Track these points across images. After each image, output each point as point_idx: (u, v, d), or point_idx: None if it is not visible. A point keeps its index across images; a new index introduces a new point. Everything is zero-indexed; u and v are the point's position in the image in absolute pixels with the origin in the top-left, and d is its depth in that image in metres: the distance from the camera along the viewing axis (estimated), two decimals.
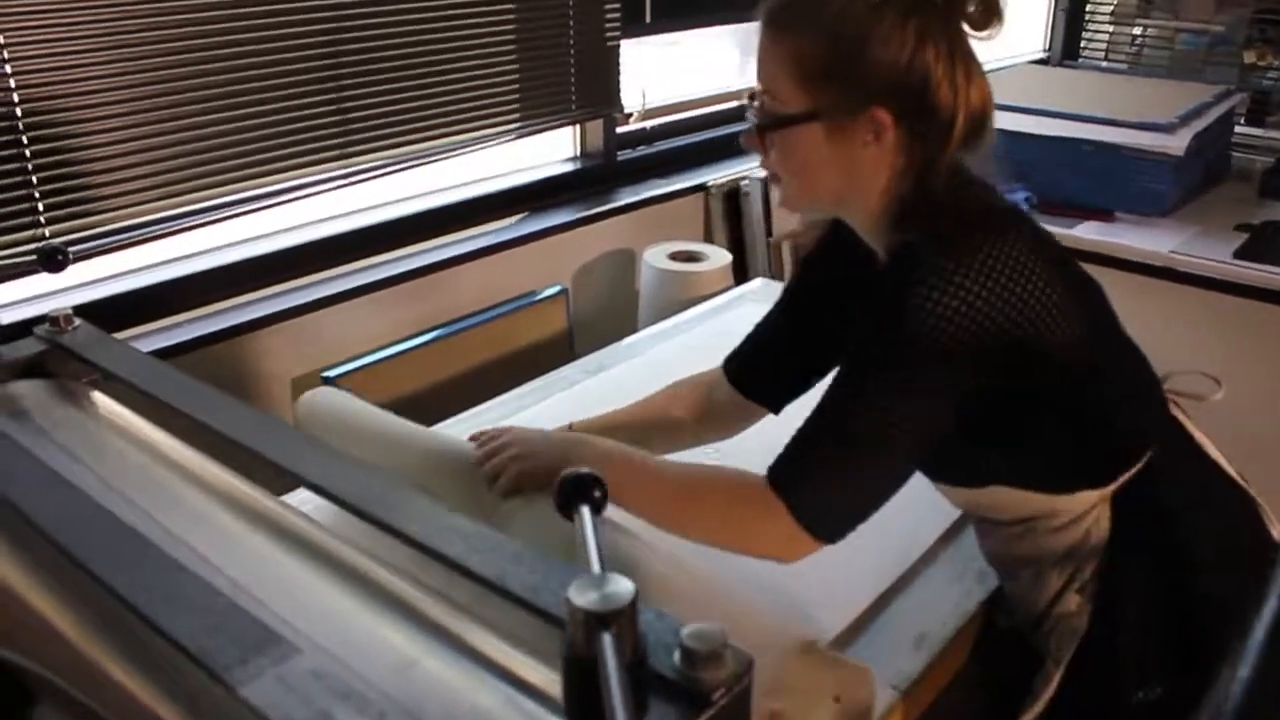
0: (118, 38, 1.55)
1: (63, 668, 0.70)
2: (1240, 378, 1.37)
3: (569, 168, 2.48)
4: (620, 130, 2.54)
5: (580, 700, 0.52)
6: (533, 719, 0.57)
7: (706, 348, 1.85)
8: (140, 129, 1.61)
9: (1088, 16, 3.63)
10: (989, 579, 1.24)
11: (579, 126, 2.47)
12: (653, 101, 2.64)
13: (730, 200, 2.64)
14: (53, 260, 1.09)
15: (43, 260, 1.09)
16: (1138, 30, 3.42)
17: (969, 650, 1.23)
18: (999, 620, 1.24)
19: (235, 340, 1.76)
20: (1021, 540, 1.15)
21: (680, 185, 2.57)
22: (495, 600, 0.67)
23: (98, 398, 0.99)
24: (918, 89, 1.01)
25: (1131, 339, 1.15)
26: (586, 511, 0.61)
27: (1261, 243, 2.35)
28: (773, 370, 1.32)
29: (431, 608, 0.69)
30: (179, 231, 1.72)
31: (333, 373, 1.85)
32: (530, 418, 1.58)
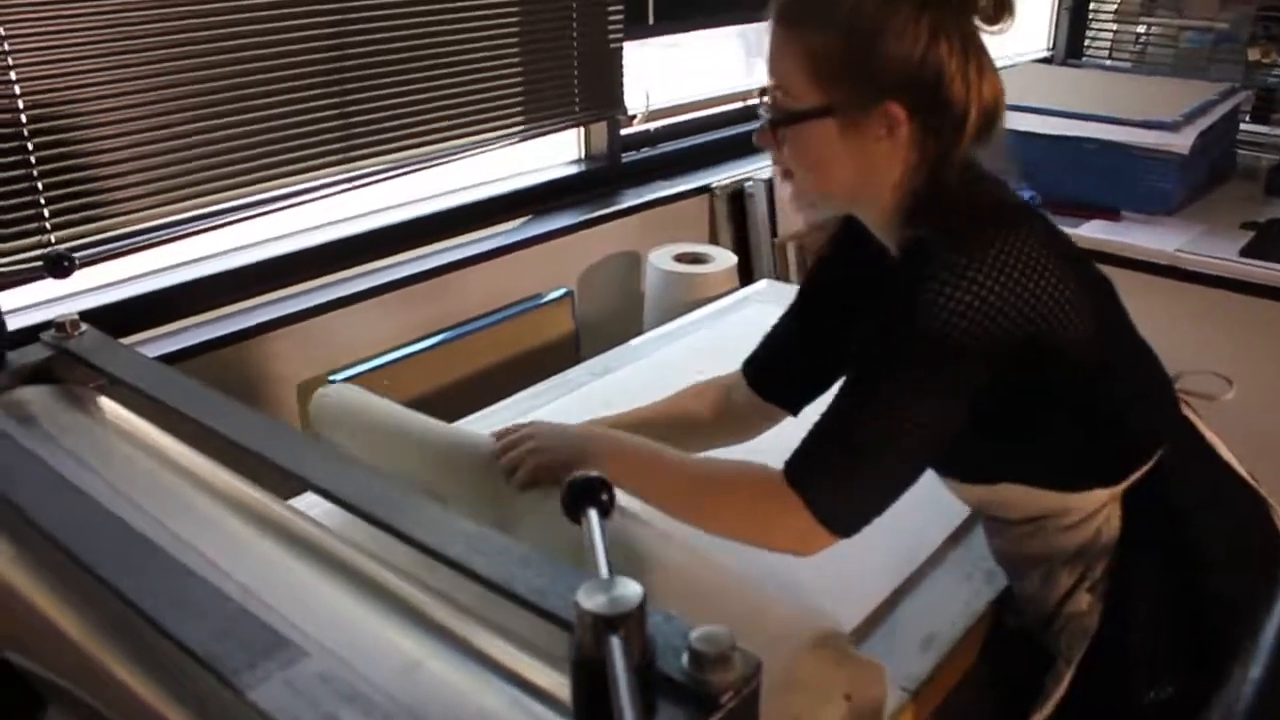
0: (122, 43, 1.56)
1: (72, 672, 0.70)
2: (1248, 376, 1.37)
3: (573, 170, 2.48)
4: (624, 132, 2.54)
5: (588, 703, 0.52)
6: None
7: (712, 349, 1.86)
8: (146, 134, 1.62)
9: (1091, 15, 3.62)
10: (998, 579, 1.24)
11: (583, 129, 2.47)
12: (656, 103, 2.64)
13: (735, 201, 2.64)
14: (59, 266, 1.09)
15: (49, 266, 1.10)
16: (1142, 28, 3.41)
17: (978, 650, 1.23)
18: (1008, 620, 1.24)
19: (241, 345, 1.76)
20: (1032, 539, 1.14)
21: (685, 187, 2.57)
22: (501, 603, 0.67)
23: (104, 403, 0.99)
24: (931, 83, 1.01)
25: (1143, 338, 1.15)
26: (594, 515, 0.61)
27: (1268, 241, 2.34)
28: (790, 371, 1.32)
29: (438, 611, 0.69)
30: (185, 236, 1.73)
31: (339, 376, 1.85)
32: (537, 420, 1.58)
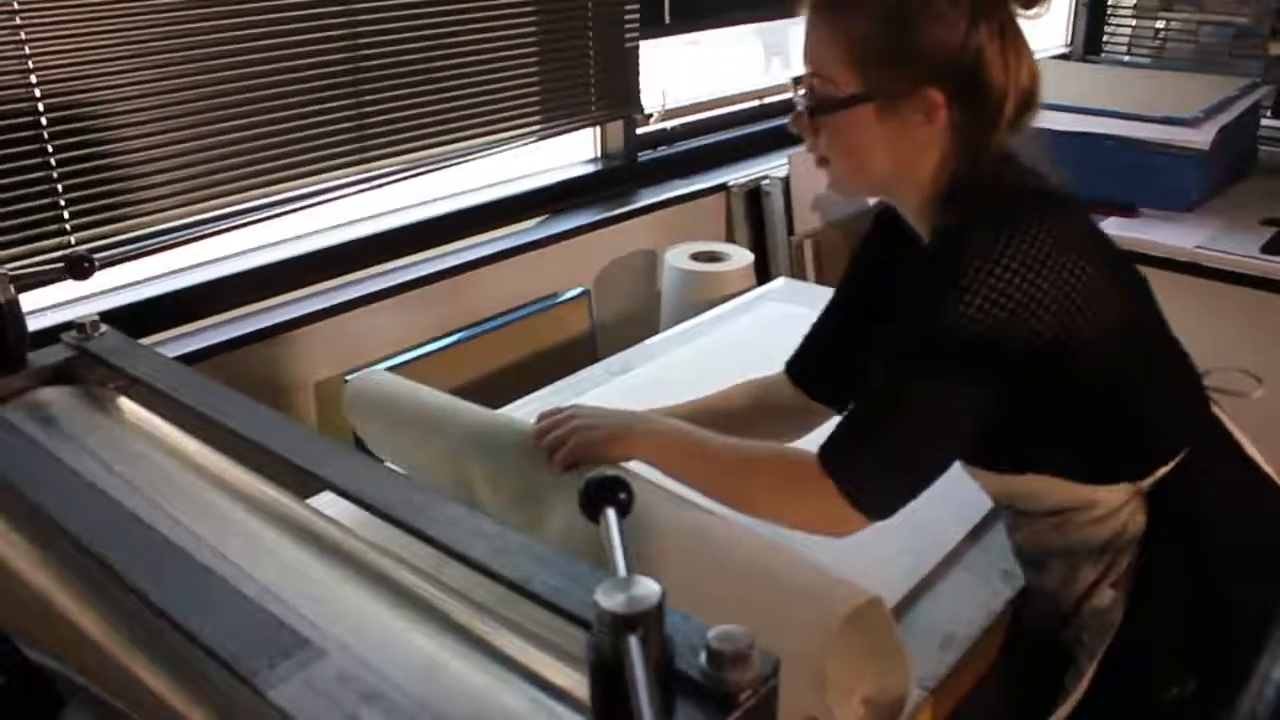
0: (140, 44, 1.57)
1: (92, 671, 0.71)
2: (1270, 373, 1.36)
3: (590, 169, 2.48)
4: (640, 131, 2.54)
5: (607, 702, 0.52)
6: None
7: (730, 348, 1.86)
8: (164, 135, 1.63)
9: (1110, 10, 3.60)
10: (1016, 579, 1.24)
11: (599, 128, 2.47)
12: (674, 101, 2.63)
13: (752, 199, 2.64)
14: (79, 267, 1.10)
15: (69, 268, 1.10)
16: (1161, 23, 3.39)
17: (997, 649, 1.23)
18: (1026, 618, 1.23)
19: (259, 345, 1.77)
20: (1056, 532, 1.14)
21: (701, 185, 2.57)
22: (519, 600, 0.67)
23: (124, 403, 1.00)
24: (970, 69, 1.01)
25: (1174, 335, 1.14)
26: (612, 514, 0.61)
27: None
28: (832, 368, 1.31)
29: (457, 610, 0.69)
30: (203, 237, 1.73)
31: (355, 376, 1.85)
32: None
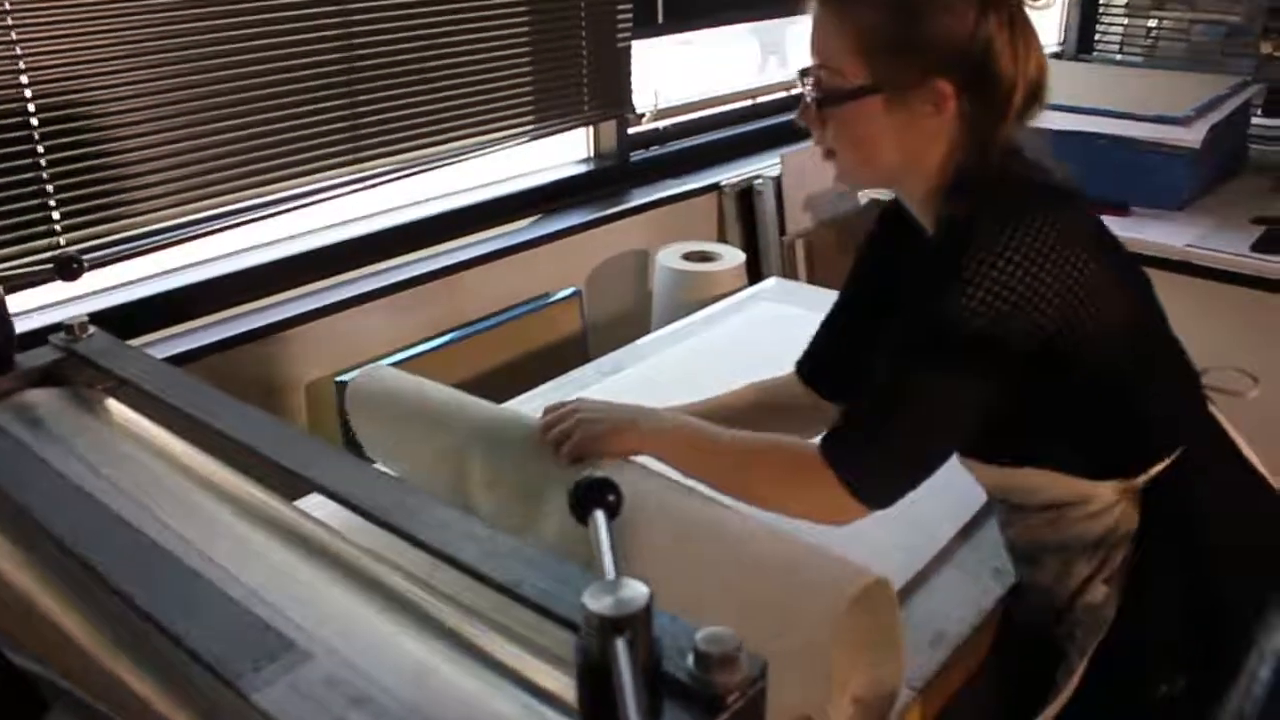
0: (132, 45, 1.56)
1: (76, 674, 0.70)
2: (1260, 371, 1.36)
3: (582, 169, 2.48)
4: (633, 131, 2.53)
5: (595, 705, 0.52)
6: None
7: (721, 348, 1.86)
8: (155, 135, 1.62)
9: (1102, 9, 3.60)
10: (1006, 576, 1.24)
11: (592, 128, 2.47)
12: (668, 101, 2.63)
13: (744, 199, 2.64)
14: (68, 268, 1.10)
15: (58, 269, 1.10)
16: (1153, 22, 3.39)
17: (987, 647, 1.23)
18: (1018, 614, 1.24)
19: (249, 346, 1.76)
20: (1051, 527, 1.14)
21: (693, 185, 2.56)
22: (511, 605, 0.67)
23: (112, 405, 1.00)
24: (979, 60, 1.01)
25: (1174, 334, 1.14)
26: (601, 516, 0.61)
27: (1279, 235, 2.33)
28: (842, 366, 1.31)
29: (445, 613, 0.69)
30: (195, 238, 1.73)
31: (347, 377, 1.85)
32: None
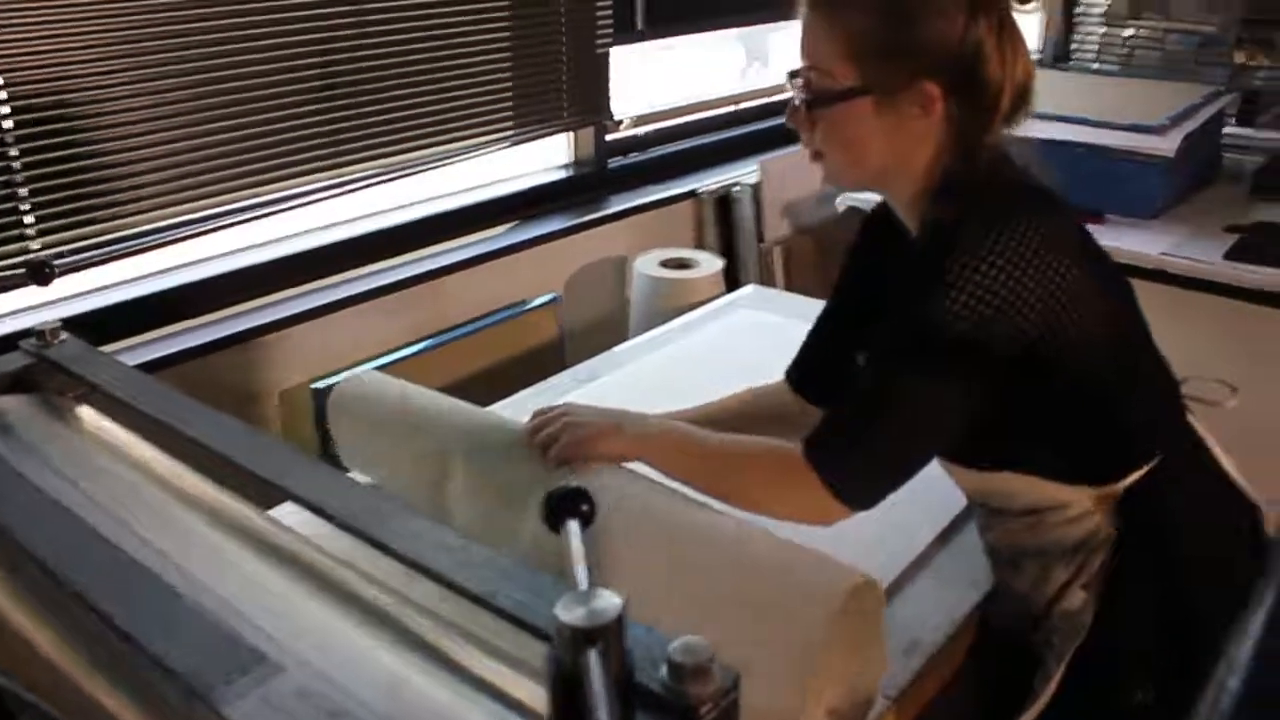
0: (107, 49, 1.55)
1: (44, 687, 0.70)
2: (1232, 378, 1.37)
3: (561, 175, 2.48)
4: (612, 137, 2.53)
5: (567, 716, 0.52)
6: None
7: (698, 355, 1.86)
8: (131, 140, 1.61)
9: (1079, 18, 3.62)
10: (982, 584, 1.24)
11: (571, 134, 2.46)
12: (647, 108, 2.63)
13: (722, 206, 2.64)
14: (40, 273, 1.09)
15: (30, 273, 1.09)
16: (1129, 31, 3.41)
17: (962, 654, 1.23)
18: (995, 620, 1.24)
19: (224, 352, 1.75)
20: (1029, 532, 1.15)
21: (672, 192, 2.57)
22: (486, 615, 0.67)
23: (84, 412, 0.99)
24: (969, 63, 1.02)
25: (1154, 342, 1.15)
26: (574, 526, 0.61)
27: (1252, 244, 2.35)
28: (830, 372, 1.32)
29: (419, 624, 0.69)
30: (170, 243, 1.72)
31: (322, 384, 1.84)
32: None
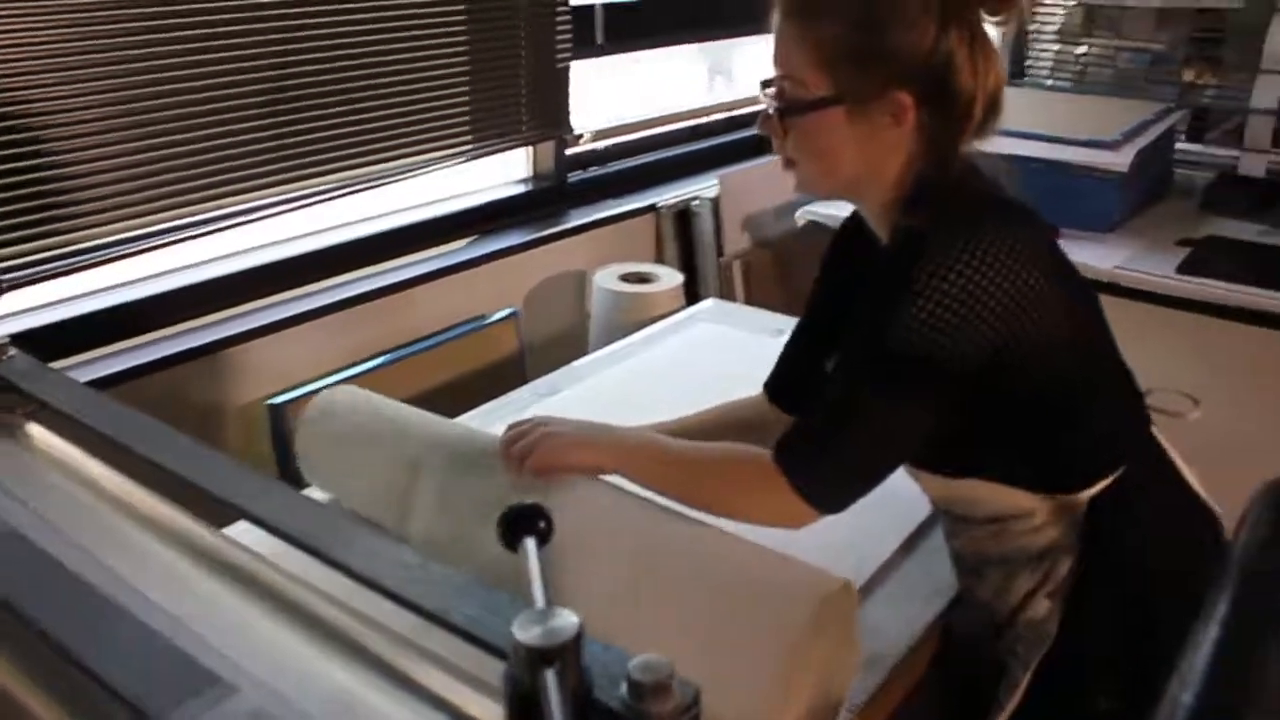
0: (57, 60, 1.53)
1: None
2: (1188, 390, 1.39)
3: (520, 190, 2.47)
4: (571, 151, 2.53)
5: None
6: None
7: (659, 369, 1.86)
8: (83, 153, 1.58)
9: (1033, 35, 3.67)
10: (942, 596, 1.24)
11: (530, 148, 2.46)
12: (605, 122, 2.63)
13: (681, 220, 2.65)
14: None
15: None
16: (1081, 49, 3.46)
17: (924, 665, 1.23)
18: (958, 628, 1.24)
19: (179, 368, 1.73)
20: (994, 540, 1.16)
21: (631, 206, 2.57)
22: (443, 633, 0.66)
23: (33, 429, 0.97)
24: (940, 73, 1.03)
25: (1120, 355, 1.16)
26: (531, 544, 0.60)
27: (1203, 257, 2.39)
28: (808, 383, 1.32)
29: (374, 642, 0.68)
30: (123, 257, 1.69)
31: (279, 400, 1.82)
32: None
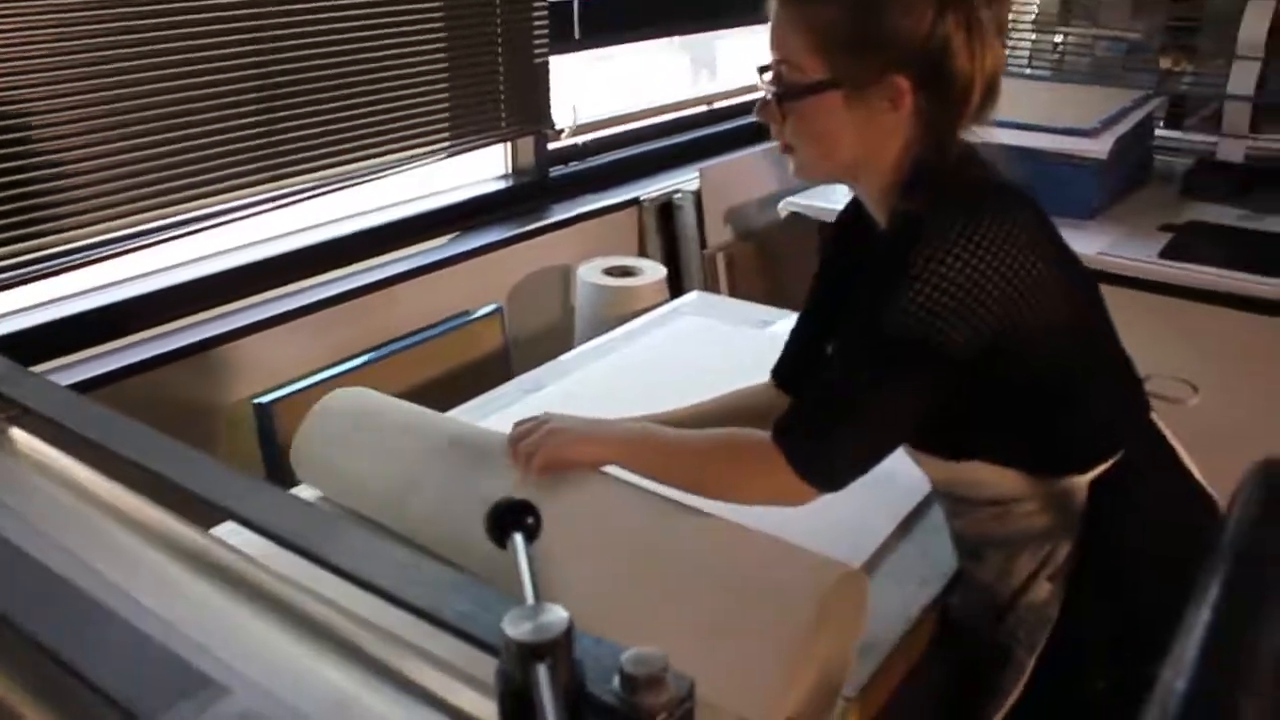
0: (37, 60, 1.51)
1: None
2: (1171, 374, 1.39)
3: (501, 185, 2.47)
4: (552, 146, 2.53)
5: None
6: None
7: (644, 362, 1.86)
8: (64, 154, 1.57)
9: (1011, 24, 3.68)
10: (937, 581, 1.25)
11: (510, 144, 2.45)
12: (587, 116, 2.63)
13: (664, 213, 2.65)
14: None
15: None
16: (1059, 38, 3.47)
17: (921, 650, 1.23)
18: (957, 611, 1.25)
19: (163, 369, 1.72)
20: (996, 521, 1.16)
21: (613, 200, 2.57)
22: (435, 630, 0.66)
23: (15, 434, 0.96)
24: (937, 57, 1.03)
25: (1119, 340, 1.17)
26: (520, 539, 0.60)
27: (1184, 242, 2.40)
28: (810, 369, 1.33)
29: (367, 640, 0.68)
30: (105, 259, 1.68)
31: (264, 399, 1.81)
32: None
